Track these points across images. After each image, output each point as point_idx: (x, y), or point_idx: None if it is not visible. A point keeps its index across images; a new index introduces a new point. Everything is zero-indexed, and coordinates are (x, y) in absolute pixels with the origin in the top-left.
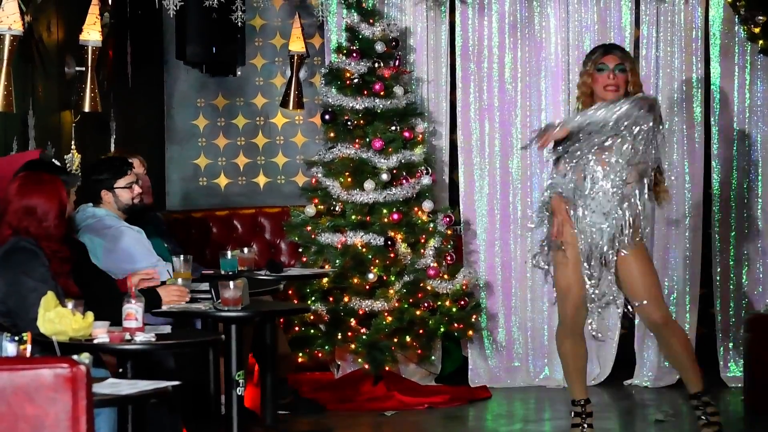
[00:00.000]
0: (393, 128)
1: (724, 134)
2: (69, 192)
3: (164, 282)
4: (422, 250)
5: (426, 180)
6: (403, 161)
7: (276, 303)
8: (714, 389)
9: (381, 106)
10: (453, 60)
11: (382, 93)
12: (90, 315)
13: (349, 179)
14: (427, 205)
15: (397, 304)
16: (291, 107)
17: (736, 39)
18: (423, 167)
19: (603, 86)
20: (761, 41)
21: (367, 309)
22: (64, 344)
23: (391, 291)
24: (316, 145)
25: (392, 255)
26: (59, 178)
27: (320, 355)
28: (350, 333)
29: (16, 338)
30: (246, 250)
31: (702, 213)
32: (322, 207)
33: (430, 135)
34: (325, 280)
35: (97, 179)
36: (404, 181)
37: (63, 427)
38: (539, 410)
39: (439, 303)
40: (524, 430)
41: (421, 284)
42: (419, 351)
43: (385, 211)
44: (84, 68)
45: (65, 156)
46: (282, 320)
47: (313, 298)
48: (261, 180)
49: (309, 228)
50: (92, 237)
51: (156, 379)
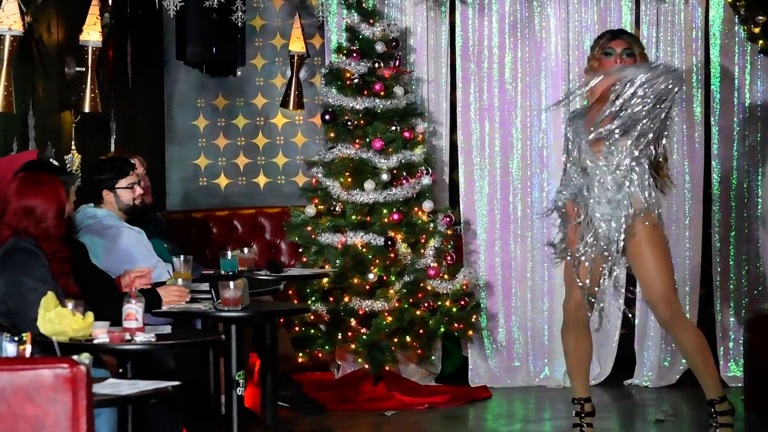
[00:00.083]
0: (393, 128)
1: (724, 134)
2: (68, 192)
3: (164, 282)
4: (422, 250)
5: (426, 180)
6: (404, 161)
7: (276, 303)
8: None
9: (381, 107)
10: (453, 60)
11: (383, 93)
12: (90, 315)
13: (350, 179)
14: (428, 205)
15: (398, 304)
16: (291, 107)
17: (736, 39)
18: (423, 167)
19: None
20: (761, 41)
21: (368, 309)
22: (64, 344)
23: (392, 291)
24: (317, 146)
25: (392, 255)
26: (58, 179)
27: (320, 355)
28: (350, 333)
29: (16, 338)
30: (246, 251)
31: (702, 213)
32: (323, 207)
33: (431, 135)
34: (326, 280)
35: (99, 179)
36: (404, 181)
37: (63, 428)
38: (539, 410)
39: (439, 303)
40: (524, 430)
41: (421, 284)
42: (419, 351)
43: (386, 211)
44: (84, 68)
45: (65, 156)
46: (282, 320)
47: (314, 298)
48: (261, 180)
49: (309, 228)
50: (92, 237)
51: (156, 379)
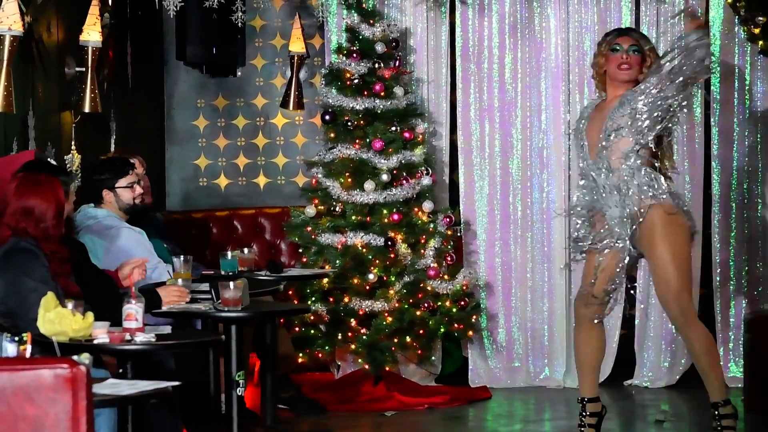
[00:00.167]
0: (393, 129)
1: (725, 135)
2: (68, 192)
3: (164, 282)
4: (422, 251)
5: (426, 180)
6: (404, 162)
7: (276, 303)
8: None
9: (381, 107)
10: (453, 60)
11: (383, 93)
12: (90, 315)
13: (350, 180)
14: (428, 206)
15: (398, 305)
16: (291, 108)
17: (736, 39)
18: (423, 168)
19: (616, 65)
20: (761, 42)
21: (368, 309)
22: (64, 345)
23: (392, 291)
24: (317, 146)
25: (392, 255)
26: (56, 179)
27: (320, 356)
28: (350, 333)
29: (16, 338)
30: (246, 251)
31: (702, 213)
32: (323, 207)
33: (431, 135)
34: (326, 281)
35: (99, 179)
36: (404, 182)
37: (63, 428)
38: (539, 410)
39: (440, 303)
40: (524, 430)
41: (422, 285)
42: (419, 351)
43: (386, 212)
44: (84, 69)
45: (65, 156)
46: (282, 321)
47: (314, 299)
48: (261, 180)
49: (309, 228)
50: (93, 237)
51: (156, 380)
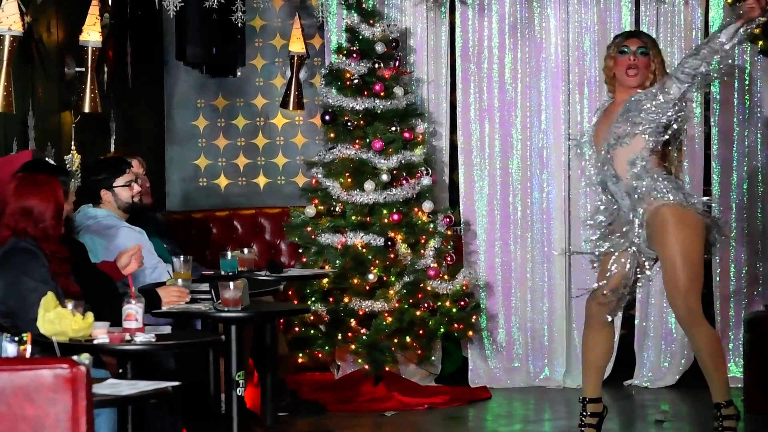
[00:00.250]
0: (393, 129)
1: (724, 135)
2: (67, 192)
3: (164, 283)
4: (422, 251)
5: (426, 181)
6: (403, 162)
7: (276, 303)
8: None
9: (381, 107)
10: (453, 60)
11: (382, 94)
12: (90, 315)
13: (349, 180)
14: (427, 206)
15: (397, 305)
16: (291, 108)
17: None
18: (423, 168)
19: (624, 68)
20: (761, 42)
21: (367, 309)
22: (64, 345)
23: (391, 291)
24: (316, 146)
25: (392, 255)
26: (56, 179)
27: (320, 356)
28: (350, 333)
29: (16, 339)
30: (246, 251)
31: None
32: (322, 208)
33: (430, 136)
34: (325, 281)
35: (96, 179)
36: (404, 182)
37: (63, 428)
38: (539, 410)
39: (439, 303)
40: (524, 430)
41: (421, 285)
42: (419, 351)
43: (385, 212)
44: (84, 69)
45: (65, 157)
46: (282, 321)
47: (313, 299)
48: (261, 181)
49: (309, 229)
50: (92, 237)
51: (156, 380)
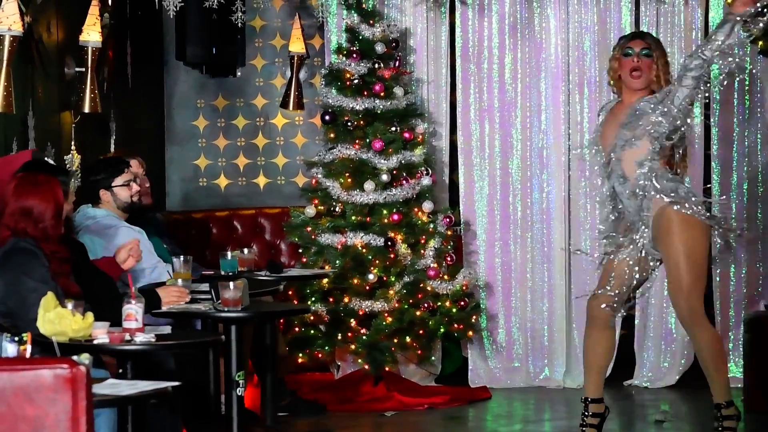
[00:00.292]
0: (393, 129)
1: (724, 135)
2: (67, 192)
3: (164, 283)
4: (422, 251)
5: (426, 181)
6: (403, 162)
7: (276, 304)
8: None
9: (381, 107)
10: (453, 61)
11: (382, 94)
12: (90, 315)
13: (349, 180)
14: (427, 206)
15: (397, 305)
16: (291, 108)
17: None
18: (423, 168)
19: (628, 70)
20: (761, 42)
21: (367, 309)
22: (64, 345)
23: (391, 292)
24: (316, 146)
25: (392, 256)
26: (55, 179)
27: (320, 356)
28: (350, 333)
29: (16, 339)
30: (246, 251)
31: None
32: (322, 208)
33: (430, 136)
34: (325, 281)
35: (95, 179)
36: (404, 182)
37: (63, 428)
38: (539, 410)
39: (439, 304)
40: (524, 431)
41: (421, 285)
42: (419, 351)
43: (385, 212)
44: (84, 69)
45: (65, 157)
46: (282, 321)
47: (313, 299)
48: (261, 181)
49: (309, 229)
50: (92, 237)
51: (156, 380)
